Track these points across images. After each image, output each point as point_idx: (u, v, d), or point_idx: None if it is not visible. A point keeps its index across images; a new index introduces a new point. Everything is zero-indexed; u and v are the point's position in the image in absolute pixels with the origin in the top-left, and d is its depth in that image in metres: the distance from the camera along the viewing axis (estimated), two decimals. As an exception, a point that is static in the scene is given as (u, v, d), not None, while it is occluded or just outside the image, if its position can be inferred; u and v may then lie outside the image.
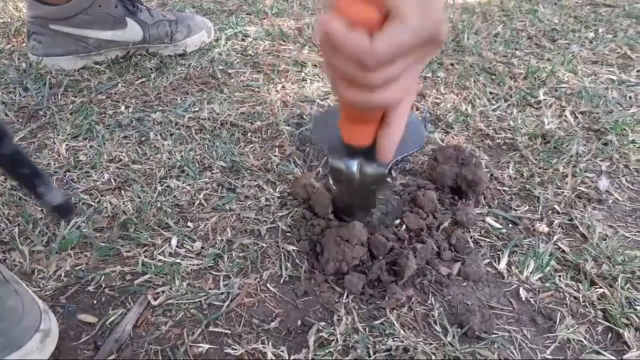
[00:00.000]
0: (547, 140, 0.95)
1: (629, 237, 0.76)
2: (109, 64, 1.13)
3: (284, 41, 1.27)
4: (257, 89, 1.07)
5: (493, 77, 1.15)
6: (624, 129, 0.98)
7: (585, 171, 0.88)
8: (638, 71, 1.18)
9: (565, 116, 1.02)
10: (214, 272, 0.66)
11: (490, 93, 1.09)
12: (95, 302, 0.62)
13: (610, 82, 1.14)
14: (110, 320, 0.60)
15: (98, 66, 1.12)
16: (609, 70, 1.19)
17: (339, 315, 0.62)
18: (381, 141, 0.54)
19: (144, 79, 1.09)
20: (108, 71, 1.11)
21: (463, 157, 0.78)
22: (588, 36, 1.35)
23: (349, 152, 0.60)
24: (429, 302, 0.65)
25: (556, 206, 0.81)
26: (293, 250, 0.70)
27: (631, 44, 1.30)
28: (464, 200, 0.79)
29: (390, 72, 0.43)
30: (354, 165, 0.61)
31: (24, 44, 1.20)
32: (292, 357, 0.57)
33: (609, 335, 0.62)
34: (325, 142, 0.66)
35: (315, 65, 1.16)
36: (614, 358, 0.59)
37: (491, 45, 1.29)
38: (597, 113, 1.02)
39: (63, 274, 0.65)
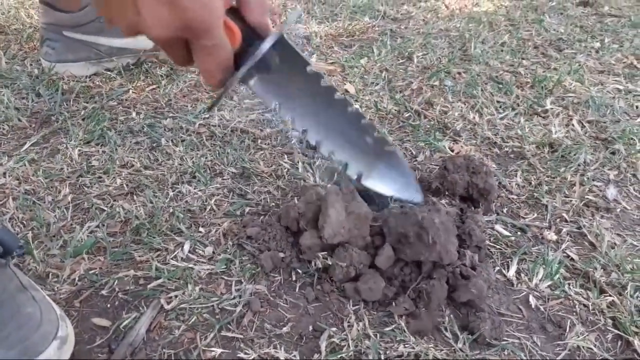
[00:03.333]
0: (555, 149, 0.95)
1: (637, 246, 0.76)
2: (120, 70, 1.14)
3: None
4: (266, 96, 1.08)
5: (500, 86, 1.15)
6: (632, 139, 0.98)
7: (593, 180, 0.89)
8: (645, 81, 1.19)
9: (573, 125, 1.02)
10: (226, 277, 0.67)
11: (498, 102, 1.09)
12: (109, 305, 0.63)
13: (617, 91, 1.15)
14: (124, 324, 0.60)
15: (109, 73, 1.14)
16: (615, 80, 1.19)
17: (349, 322, 0.62)
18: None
19: (154, 86, 1.11)
20: (119, 78, 1.12)
21: (473, 166, 0.78)
22: (594, 46, 1.36)
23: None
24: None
25: (564, 214, 0.81)
26: (304, 257, 0.70)
27: (637, 53, 1.31)
28: (472, 208, 0.79)
29: None
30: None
31: (35, 50, 1.22)
32: (304, 362, 0.57)
33: (619, 343, 0.63)
34: None
35: (324, 74, 1.17)
36: (624, 366, 0.60)
37: (498, 54, 1.30)
38: (605, 122, 1.03)
39: (77, 278, 0.66)
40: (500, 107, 1.08)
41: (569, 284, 0.69)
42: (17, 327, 0.53)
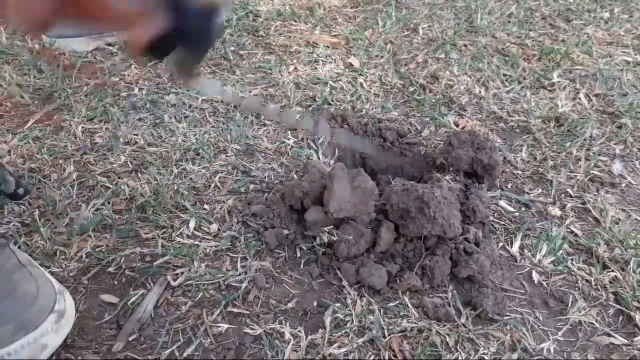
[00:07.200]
0: (561, 123, 0.94)
1: (642, 221, 0.76)
2: (121, 45, 1.13)
3: (295, 21, 1.26)
4: (269, 71, 1.07)
5: (507, 58, 1.14)
6: (639, 112, 0.97)
7: (599, 154, 0.88)
8: (654, 52, 1.17)
9: (580, 99, 1.01)
10: (231, 254, 0.68)
11: (504, 75, 1.08)
12: (116, 282, 0.64)
13: (625, 63, 1.13)
14: (132, 300, 0.61)
15: (110, 47, 1.12)
16: (624, 52, 1.17)
17: (353, 298, 0.63)
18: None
19: (156, 61, 1.09)
20: (120, 52, 1.11)
21: (478, 141, 0.78)
22: (603, 16, 1.33)
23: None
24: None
25: (569, 190, 0.81)
26: (308, 233, 0.71)
27: (647, 24, 1.28)
28: (477, 184, 0.79)
29: None
30: None
31: (36, 25, 1.20)
32: (309, 337, 0.58)
33: (620, 318, 0.63)
34: None
35: (328, 46, 1.15)
36: (624, 340, 0.60)
37: (504, 25, 1.28)
38: (612, 96, 1.02)
39: (84, 255, 0.66)
40: (507, 80, 1.07)
41: (572, 260, 0.70)
42: (12, 303, 0.53)
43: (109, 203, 0.74)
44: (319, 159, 0.84)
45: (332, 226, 0.68)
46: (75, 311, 0.58)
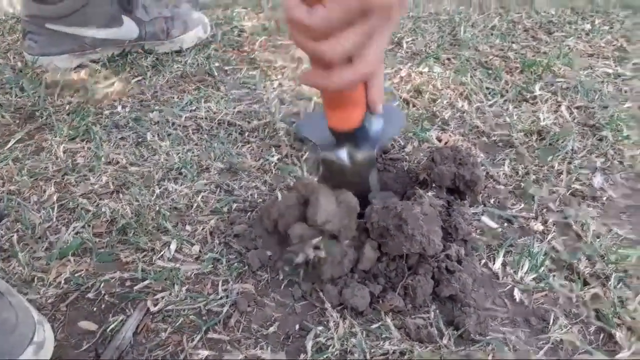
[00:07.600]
0: (543, 136, 0.95)
1: (622, 235, 0.77)
2: (105, 62, 1.13)
3: (281, 36, 1.26)
4: (253, 87, 1.07)
5: (489, 71, 1.14)
6: (619, 124, 0.98)
7: (580, 168, 0.89)
8: (634, 64, 1.18)
9: (561, 112, 1.02)
10: (213, 277, 0.67)
11: (487, 88, 1.09)
12: (95, 309, 0.63)
13: (606, 75, 1.14)
14: (111, 327, 0.61)
15: (94, 64, 1.12)
16: (605, 64, 1.19)
17: (335, 320, 0.63)
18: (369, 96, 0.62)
19: (140, 77, 1.09)
20: (104, 69, 1.11)
21: (460, 157, 0.78)
22: (585, 28, 1.34)
23: (336, 138, 0.66)
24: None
25: (551, 204, 0.81)
26: (292, 249, 0.70)
27: (628, 35, 1.29)
28: (459, 200, 0.79)
29: (340, 46, 0.47)
30: (344, 153, 0.67)
31: (18, 42, 1.20)
32: (290, 362, 0.58)
33: (601, 335, 0.64)
34: (314, 136, 0.72)
35: (312, 62, 1.15)
36: (606, 358, 0.60)
37: (487, 38, 1.29)
38: (593, 108, 1.03)
39: (63, 281, 0.66)
40: (490, 93, 1.07)
41: (553, 276, 0.70)
42: None
43: (89, 226, 0.73)
44: (304, 175, 0.84)
45: (318, 239, 0.67)
46: (53, 341, 0.57)
